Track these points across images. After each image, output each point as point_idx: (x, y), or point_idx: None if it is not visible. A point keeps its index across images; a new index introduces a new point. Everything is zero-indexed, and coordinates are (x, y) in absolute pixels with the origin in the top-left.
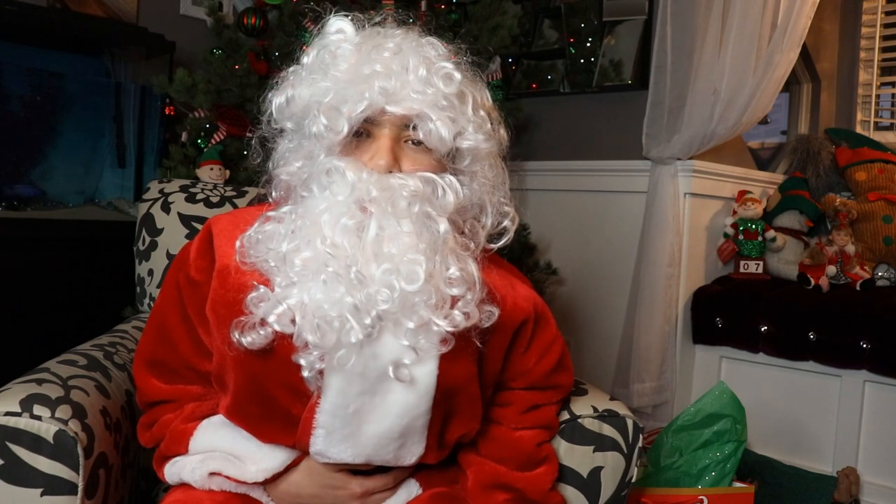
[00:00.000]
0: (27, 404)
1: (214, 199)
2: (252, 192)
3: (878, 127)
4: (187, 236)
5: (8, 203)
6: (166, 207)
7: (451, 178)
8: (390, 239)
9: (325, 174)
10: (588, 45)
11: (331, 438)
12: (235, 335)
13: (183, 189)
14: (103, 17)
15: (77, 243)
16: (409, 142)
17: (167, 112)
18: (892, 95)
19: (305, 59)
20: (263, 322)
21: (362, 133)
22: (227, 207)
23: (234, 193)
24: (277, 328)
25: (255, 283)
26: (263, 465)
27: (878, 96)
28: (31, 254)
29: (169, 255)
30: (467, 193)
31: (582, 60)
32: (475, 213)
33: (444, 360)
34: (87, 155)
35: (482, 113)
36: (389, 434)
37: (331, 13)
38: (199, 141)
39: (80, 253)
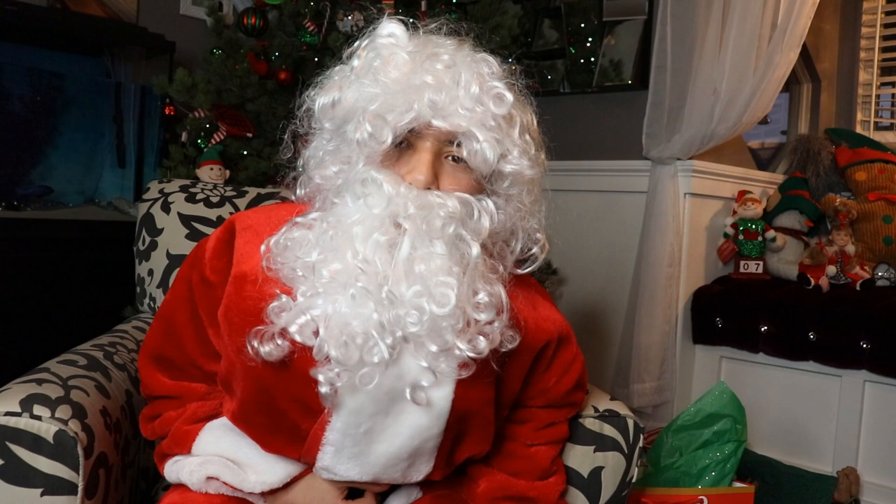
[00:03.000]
0: (27, 404)
1: (214, 199)
2: (252, 192)
3: (878, 127)
4: (187, 236)
5: (8, 203)
6: (166, 207)
7: (488, 200)
8: (422, 259)
9: (361, 184)
10: (588, 45)
11: (339, 456)
12: (253, 344)
13: (183, 189)
14: (103, 17)
15: (77, 243)
16: (450, 158)
17: (167, 112)
18: (892, 95)
19: (355, 62)
20: (283, 333)
21: (403, 143)
22: (227, 207)
23: (234, 193)
24: (299, 339)
25: (278, 291)
26: (264, 477)
27: (878, 96)
28: (31, 254)
29: (169, 255)
30: (502, 218)
31: (582, 60)
32: (505, 237)
33: (461, 384)
34: (87, 155)
35: (528, 137)
36: (399, 454)
37: (382, 15)
38: (199, 141)
39: (80, 253)
